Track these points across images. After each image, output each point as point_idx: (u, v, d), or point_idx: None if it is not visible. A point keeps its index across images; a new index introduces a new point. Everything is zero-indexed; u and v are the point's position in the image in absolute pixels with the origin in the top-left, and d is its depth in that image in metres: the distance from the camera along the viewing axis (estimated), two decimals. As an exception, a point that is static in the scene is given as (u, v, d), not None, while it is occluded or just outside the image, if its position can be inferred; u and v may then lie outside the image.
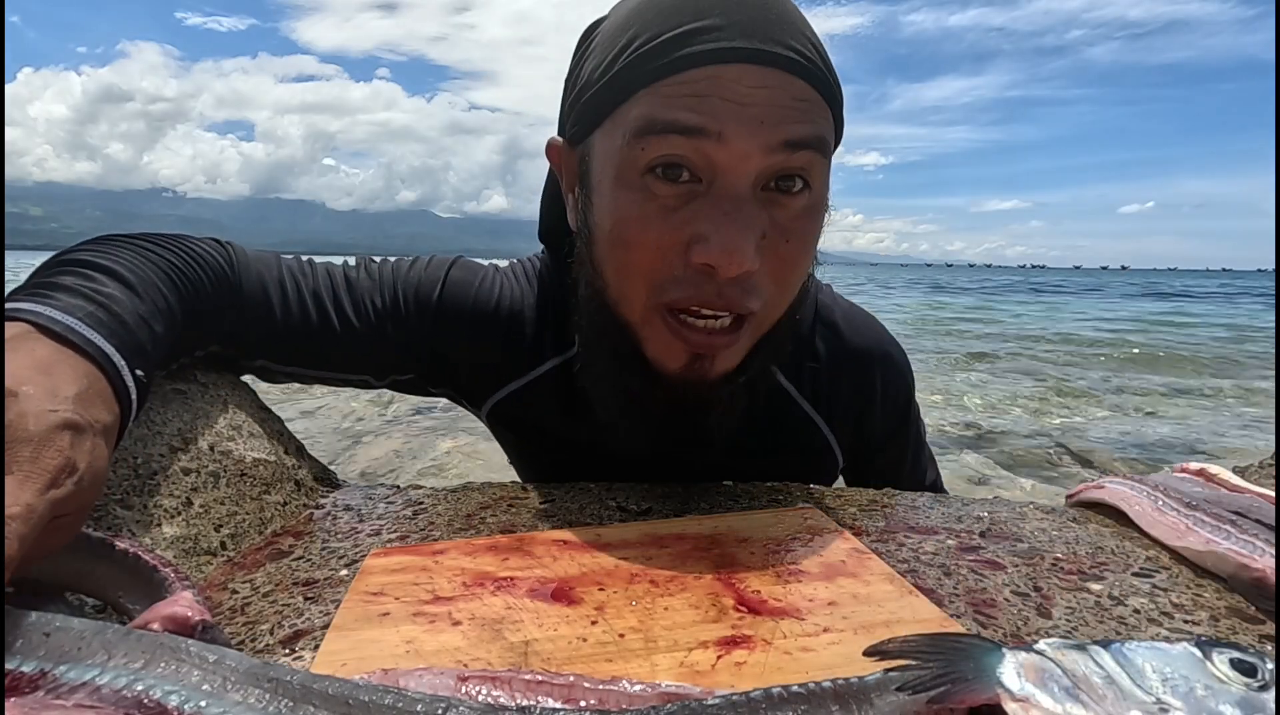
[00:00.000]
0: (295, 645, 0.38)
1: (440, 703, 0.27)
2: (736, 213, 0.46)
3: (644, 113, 0.47)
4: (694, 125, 0.45)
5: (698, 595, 0.42)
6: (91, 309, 0.43)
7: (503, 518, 0.57)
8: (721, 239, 0.45)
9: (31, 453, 0.33)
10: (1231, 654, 0.29)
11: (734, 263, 0.46)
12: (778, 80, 0.46)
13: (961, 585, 0.45)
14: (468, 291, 0.66)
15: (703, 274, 0.47)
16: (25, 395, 0.35)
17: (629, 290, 0.51)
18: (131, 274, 0.49)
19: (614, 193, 0.49)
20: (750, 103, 0.45)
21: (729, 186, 0.46)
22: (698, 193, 0.47)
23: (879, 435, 0.75)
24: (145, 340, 0.46)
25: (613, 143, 0.49)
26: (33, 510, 0.32)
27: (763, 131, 0.45)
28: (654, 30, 0.47)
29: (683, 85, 0.46)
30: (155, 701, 0.27)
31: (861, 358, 0.71)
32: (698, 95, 0.45)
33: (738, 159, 0.46)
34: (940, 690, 0.28)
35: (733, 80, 0.46)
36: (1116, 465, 2.99)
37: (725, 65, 0.46)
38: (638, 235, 0.48)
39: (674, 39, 0.46)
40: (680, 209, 0.47)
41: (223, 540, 0.51)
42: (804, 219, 0.49)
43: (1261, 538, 0.46)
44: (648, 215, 0.48)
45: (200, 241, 0.59)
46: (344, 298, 0.64)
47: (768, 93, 0.46)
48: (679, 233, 0.47)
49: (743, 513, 0.57)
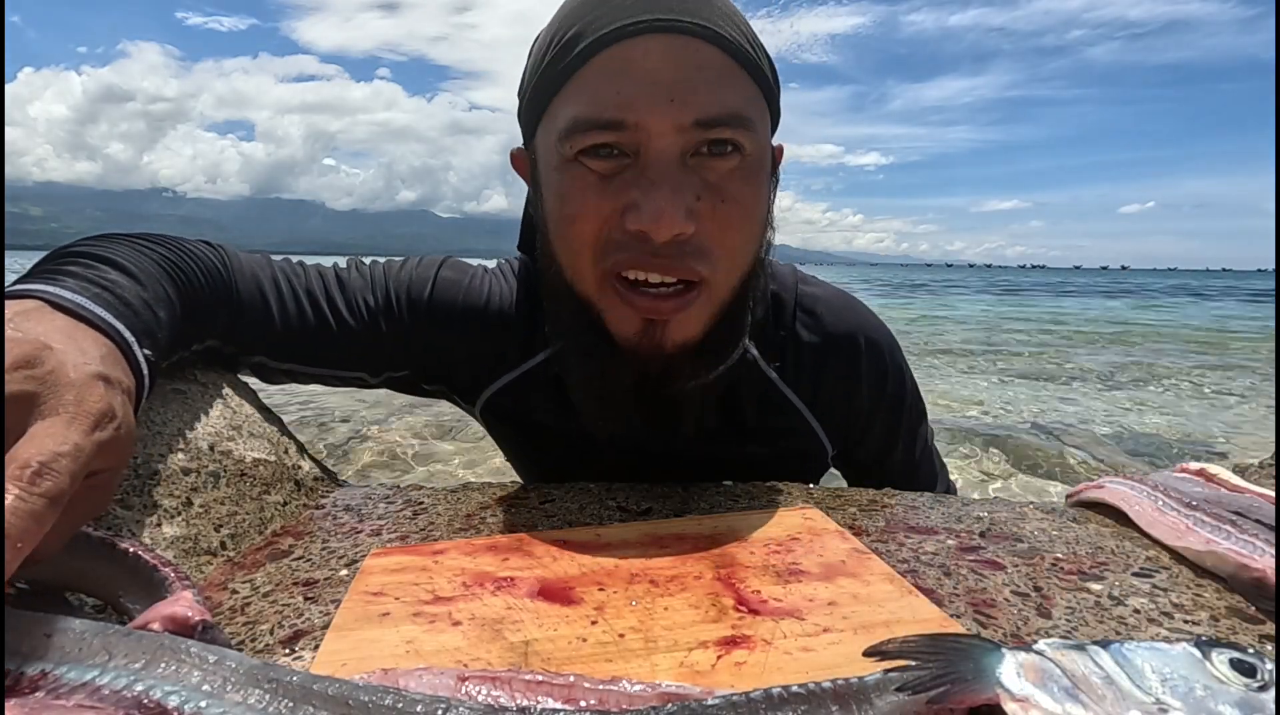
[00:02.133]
0: (295, 645, 0.38)
1: (440, 703, 0.27)
2: (663, 179, 0.48)
3: (567, 112, 0.50)
4: (610, 119, 0.48)
5: (698, 595, 0.42)
6: (98, 291, 0.44)
7: (503, 518, 0.57)
8: (651, 205, 0.48)
9: (75, 396, 0.34)
10: (1231, 654, 0.30)
11: (664, 226, 0.48)
12: (685, 49, 0.48)
13: (961, 585, 0.45)
14: (458, 289, 0.68)
15: (640, 239, 0.50)
16: (59, 350, 0.36)
17: (579, 263, 0.53)
18: (132, 265, 0.50)
19: (555, 177, 0.52)
20: (659, 79, 0.47)
21: (656, 156, 0.49)
22: (628, 164, 0.50)
23: (865, 421, 0.74)
24: (151, 323, 0.47)
25: (549, 139, 0.52)
26: (80, 450, 0.33)
27: (673, 110, 0.48)
28: (569, 24, 0.50)
29: (597, 74, 0.49)
30: (155, 702, 0.27)
31: (844, 342, 0.71)
32: (610, 81, 0.48)
33: (656, 137, 0.48)
34: (940, 690, 0.28)
35: (640, 56, 0.48)
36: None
37: (632, 40, 0.48)
38: (578, 208, 0.51)
39: (583, 28, 0.49)
40: (614, 178, 0.50)
41: (223, 540, 0.51)
42: (738, 180, 0.51)
43: (1261, 538, 0.46)
44: (585, 188, 0.50)
45: (192, 241, 0.59)
46: (337, 296, 0.65)
47: (675, 66, 0.48)
48: (614, 201, 0.50)
49: (743, 513, 0.57)
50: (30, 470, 0.30)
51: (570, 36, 0.50)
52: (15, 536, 0.29)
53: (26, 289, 0.42)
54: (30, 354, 0.35)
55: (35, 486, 0.30)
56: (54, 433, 0.32)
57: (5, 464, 0.31)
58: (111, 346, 0.41)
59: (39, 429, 0.33)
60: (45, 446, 0.32)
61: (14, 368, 0.34)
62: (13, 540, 0.29)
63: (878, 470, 0.79)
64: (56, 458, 0.31)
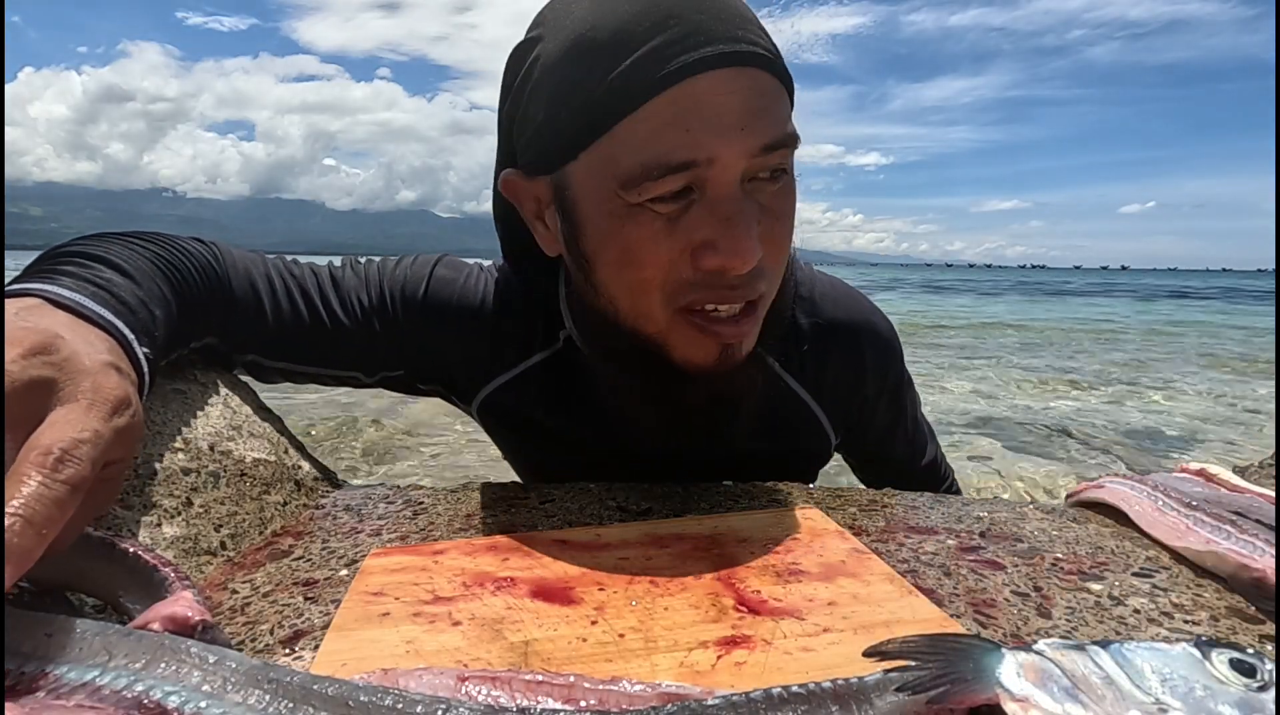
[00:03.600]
0: (295, 645, 0.38)
1: (440, 703, 0.27)
2: (736, 215, 0.47)
3: (632, 159, 0.46)
4: (684, 161, 0.46)
5: (698, 595, 0.42)
6: (95, 290, 0.44)
7: (503, 518, 0.57)
8: (729, 243, 0.47)
9: (92, 383, 0.34)
10: (1231, 654, 0.30)
11: (746, 262, 0.48)
12: (747, 80, 0.47)
13: (961, 585, 0.45)
14: (453, 288, 0.67)
15: (716, 275, 0.49)
16: (69, 340, 0.36)
17: (646, 306, 0.51)
18: (127, 264, 0.50)
19: (611, 223, 0.49)
20: (727, 112, 0.46)
21: (721, 190, 0.48)
22: (693, 201, 0.48)
23: (870, 407, 0.75)
24: (148, 322, 0.47)
25: (599, 180, 0.49)
26: (100, 436, 0.33)
27: (743, 139, 0.47)
28: (616, 54, 0.46)
29: (661, 112, 0.46)
30: (155, 702, 0.27)
31: (846, 331, 0.71)
32: (679, 121, 0.46)
33: (726, 170, 0.47)
34: (940, 690, 0.28)
35: (707, 92, 0.46)
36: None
37: (697, 77, 0.46)
38: (649, 255, 0.49)
39: (641, 61, 0.46)
40: (680, 219, 0.48)
41: (223, 540, 0.51)
42: (784, 199, 0.51)
43: (1261, 538, 0.46)
44: (655, 235, 0.48)
45: (185, 238, 0.59)
46: (331, 294, 0.65)
47: (741, 97, 0.47)
48: (684, 242, 0.48)
49: (743, 513, 0.57)
50: (53, 457, 0.31)
51: (623, 69, 0.46)
52: (39, 523, 0.29)
53: (24, 288, 0.42)
54: (46, 341, 0.35)
55: (58, 473, 0.30)
56: (74, 419, 0.33)
57: (26, 451, 0.31)
58: (113, 342, 0.41)
59: (59, 415, 0.33)
60: (66, 433, 0.32)
61: (31, 354, 0.34)
62: (37, 526, 0.29)
63: (883, 453, 0.81)
64: (78, 445, 0.31)
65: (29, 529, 0.29)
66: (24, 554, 0.28)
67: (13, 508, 0.29)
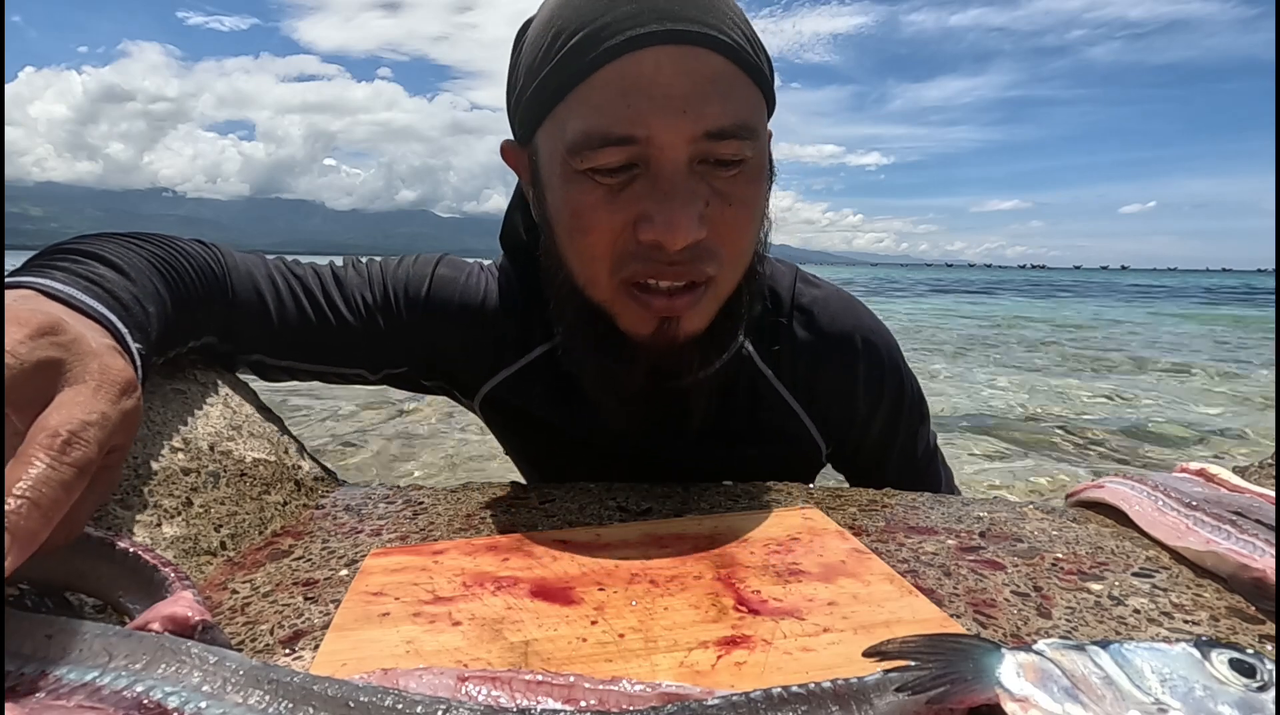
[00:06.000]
0: (295, 645, 0.38)
1: (440, 704, 0.27)
2: (674, 191, 0.49)
3: (576, 125, 0.49)
4: (622, 135, 0.48)
5: (697, 595, 0.42)
6: (87, 285, 0.44)
7: (503, 518, 0.57)
8: (664, 217, 0.49)
9: (99, 365, 0.34)
10: (1230, 654, 0.30)
11: (678, 237, 0.49)
12: (695, 60, 0.48)
13: (961, 585, 0.45)
14: (455, 286, 0.69)
15: (654, 248, 0.50)
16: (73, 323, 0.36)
17: (593, 273, 0.54)
18: (122, 261, 0.50)
19: (563, 188, 0.52)
20: (671, 92, 0.47)
21: (665, 167, 0.49)
22: (637, 174, 0.50)
23: (863, 422, 0.74)
24: (141, 318, 0.47)
25: (554, 145, 0.52)
26: (108, 418, 0.33)
27: (685, 122, 0.48)
28: (573, 26, 0.49)
29: (606, 86, 0.48)
30: (155, 703, 0.27)
31: (840, 342, 0.71)
32: (622, 94, 0.47)
33: (668, 148, 0.48)
34: (939, 691, 0.28)
35: (652, 69, 0.47)
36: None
37: (642, 51, 0.47)
38: (590, 221, 0.51)
39: (592, 34, 0.48)
40: (624, 191, 0.50)
41: (223, 540, 0.51)
42: (743, 185, 0.52)
43: (1261, 538, 0.46)
44: (596, 203, 0.51)
45: (185, 239, 0.60)
46: (334, 293, 0.66)
47: (687, 78, 0.48)
48: (626, 213, 0.50)
49: (742, 513, 0.57)
50: (60, 439, 0.30)
51: (576, 41, 0.49)
52: (46, 506, 0.29)
53: (17, 281, 0.42)
54: (52, 323, 0.35)
55: (65, 455, 0.30)
56: (82, 401, 0.32)
57: (34, 432, 0.31)
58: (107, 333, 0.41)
59: (67, 397, 0.33)
60: (74, 415, 0.32)
61: (39, 334, 0.34)
62: (44, 509, 0.29)
63: (877, 472, 0.79)
64: (85, 427, 0.31)
65: (35, 511, 0.28)
66: (30, 536, 0.28)
67: (19, 490, 0.28)
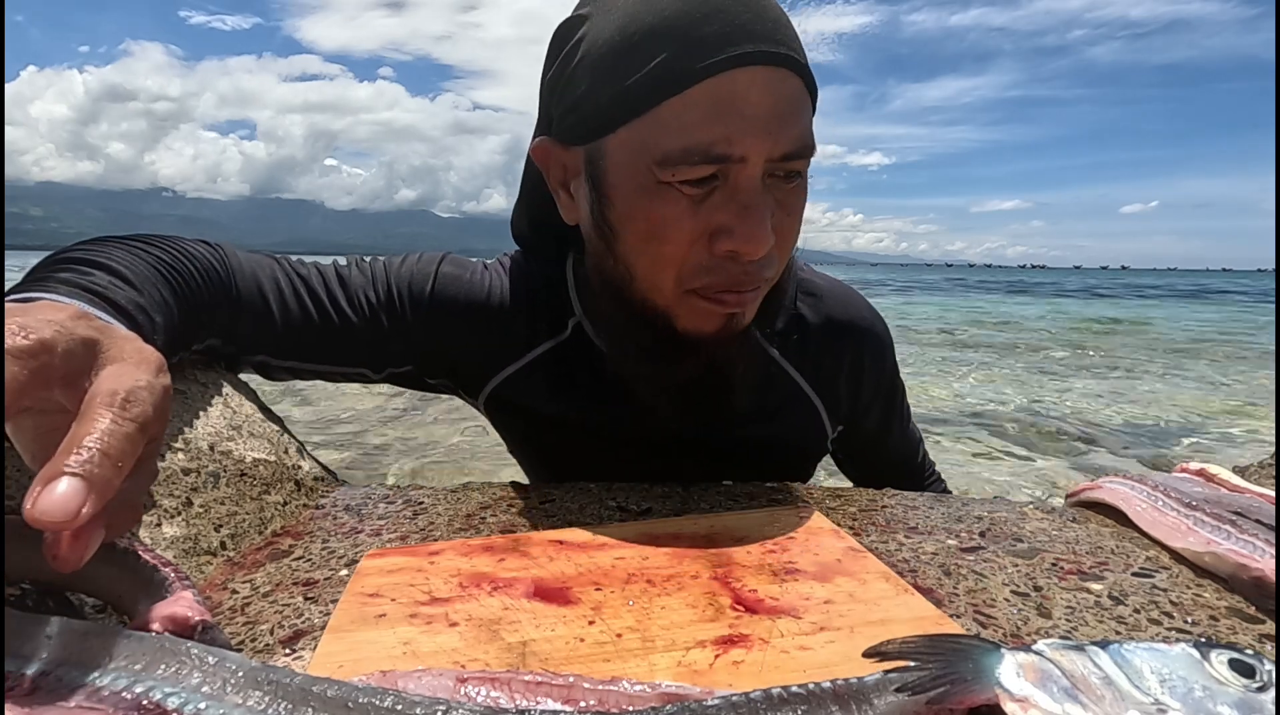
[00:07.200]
0: (295, 645, 0.38)
1: (440, 704, 0.27)
2: (754, 205, 0.51)
3: (670, 140, 0.50)
4: (718, 154, 0.49)
5: (694, 595, 0.42)
6: (90, 296, 0.44)
7: (503, 518, 0.57)
8: (745, 230, 0.51)
9: (134, 347, 0.35)
10: (1230, 655, 0.30)
11: (758, 249, 0.51)
12: (780, 82, 0.50)
13: (961, 585, 0.45)
14: (459, 284, 0.69)
15: (728, 259, 0.52)
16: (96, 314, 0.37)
17: (661, 280, 0.55)
18: (126, 269, 0.49)
19: (641, 197, 0.52)
20: (760, 113, 0.49)
21: (744, 182, 0.51)
22: (716, 187, 0.51)
23: (866, 405, 0.78)
24: (145, 326, 0.47)
25: (634, 156, 0.52)
26: (154, 387, 0.33)
27: (769, 142, 0.50)
28: (663, 36, 0.49)
29: (702, 104, 0.49)
30: (155, 703, 0.27)
31: (849, 329, 0.74)
32: (718, 111, 0.49)
33: (751, 165, 0.50)
34: (939, 691, 0.28)
35: (745, 88, 0.49)
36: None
37: (737, 71, 0.49)
38: (673, 231, 0.52)
39: (689, 47, 0.49)
40: (704, 202, 0.51)
41: (223, 540, 0.51)
42: (796, 197, 0.55)
43: (1261, 538, 0.46)
44: (680, 213, 0.52)
45: (191, 241, 0.60)
46: (338, 293, 0.66)
47: (773, 99, 0.50)
48: (704, 223, 0.52)
49: (739, 512, 0.57)
50: (120, 396, 0.31)
51: (671, 53, 0.49)
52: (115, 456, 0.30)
53: (21, 296, 0.42)
54: (80, 311, 0.36)
55: (126, 412, 0.31)
56: (127, 372, 0.33)
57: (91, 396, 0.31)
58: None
59: (112, 370, 0.33)
60: (125, 381, 0.32)
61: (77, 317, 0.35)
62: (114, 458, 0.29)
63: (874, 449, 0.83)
64: (136, 389, 0.32)
65: (106, 460, 0.29)
66: (105, 483, 0.29)
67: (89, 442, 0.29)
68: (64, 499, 0.28)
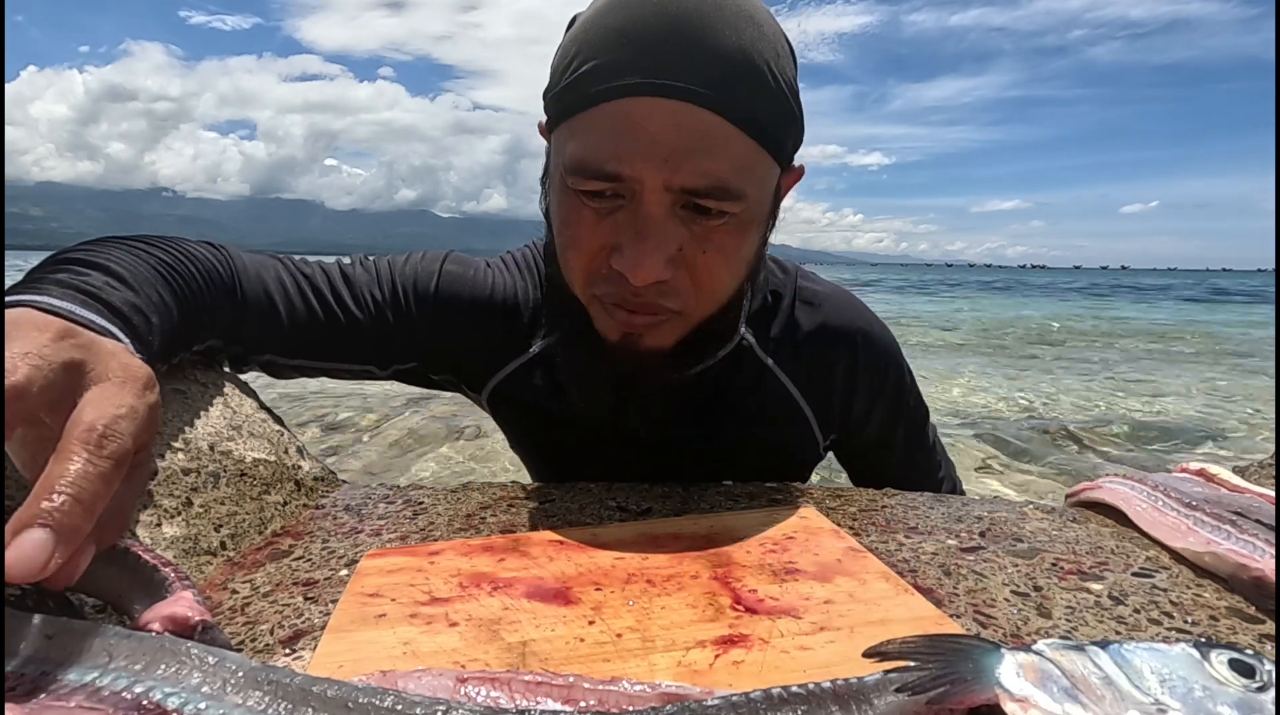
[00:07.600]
0: (295, 645, 0.38)
1: (440, 705, 0.27)
2: (647, 231, 0.50)
3: (573, 148, 0.51)
4: (611, 173, 0.49)
5: (694, 595, 0.42)
6: (84, 298, 0.44)
7: (503, 518, 0.57)
8: (632, 254, 0.50)
9: (120, 364, 0.35)
10: (1230, 655, 0.30)
11: (639, 275, 0.50)
12: (686, 116, 0.48)
13: (961, 585, 0.45)
14: (463, 281, 0.70)
15: (620, 277, 0.52)
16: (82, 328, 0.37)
17: (574, 277, 0.56)
18: (124, 270, 0.49)
19: (562, 197, 0.54)
20: (659, 141, 0.48)
21: (645, 208, 0.50)
22: (622, 204, 0.51)
23: (863, 415, 0.76)
24: (141, 327, 0.47)
25: (558, 157, 0.53)
26: (136, 412, 0.34)
27: (665, 171, 0.48)
28: (590, 52, 0.50)
29: (601, 123, 0.49)
30: (155, 703, 0.27)
31: (843, 336, 0.73)
32: (613, 135, 0.49)
33: (650, 191, 0.49)
34: (939, 691, 0.28)
35: (644, 117, 0.48)
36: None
37: (637, 99, 0.48)
38: (574, 237, 0.53)
39: (603, 67, 0.49)
40: (608, 217, 0.52)
41: (223, 540, 0.51)
42: (724, 235, 0.52)
43: (1261, 538, 0.46)
44: (582, 220, 0.52)
45: (194, 242, 0.60)
46: (343, 291, 0.67)
47: (675, 131, 0.48)
48: (604, 238, 0.52)
49: (739, 512, 0.57)
50: (96, 433, 0.31)
51: (589, 69, 0.49)
52: (88, 500, 0.30)
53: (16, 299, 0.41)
54: (67, 327, 0.36)
55: (102, 450, 0.31)
56: (109, 396, 0.33)
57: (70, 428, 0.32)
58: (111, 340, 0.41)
59: (94, 394, 0.34)
60: (105, 410, 0.33)
61: (60, 338, 0.35)
62: (86, 503, 0.30)
63: (879, 466, 0.80)
64: (117, 420, 0.32)
65: (78, 506, 0.30)
66: (74, 531, 0.29)
67: (62, 486, 0.30)
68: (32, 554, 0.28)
